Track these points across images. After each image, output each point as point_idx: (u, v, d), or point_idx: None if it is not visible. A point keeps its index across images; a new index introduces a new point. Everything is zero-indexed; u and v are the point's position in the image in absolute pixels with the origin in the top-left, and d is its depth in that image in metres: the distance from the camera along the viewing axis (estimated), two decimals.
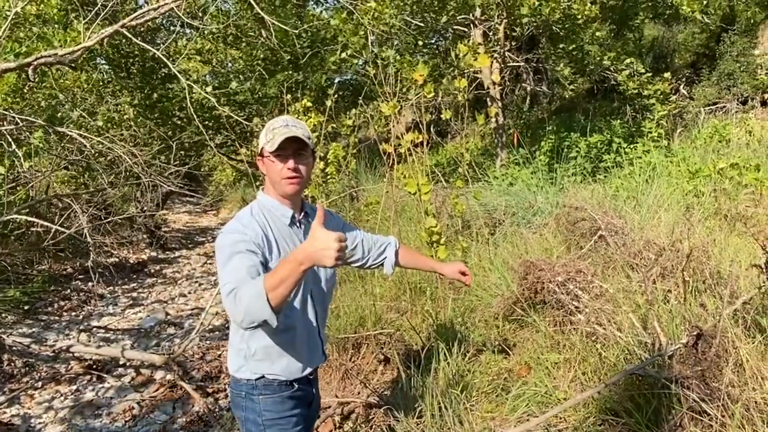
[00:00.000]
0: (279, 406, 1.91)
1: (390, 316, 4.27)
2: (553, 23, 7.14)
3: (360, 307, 4.24)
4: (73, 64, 5.76)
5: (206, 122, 9.72)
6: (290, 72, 11.14)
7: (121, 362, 4.74)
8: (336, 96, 6.26)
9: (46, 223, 5.89)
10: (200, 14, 8.74)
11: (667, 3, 8.60)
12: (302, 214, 1.95)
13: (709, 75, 10.96)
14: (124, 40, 8.56)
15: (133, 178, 7.59)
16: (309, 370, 1.97)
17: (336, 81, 12.59)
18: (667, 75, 7.70)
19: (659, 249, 3.54)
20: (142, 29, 8.48)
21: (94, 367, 4.71)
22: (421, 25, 7.78)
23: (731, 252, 3.70)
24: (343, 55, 8.32)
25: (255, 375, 1.89)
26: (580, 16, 6.79)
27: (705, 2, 8.27)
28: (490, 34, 8.01)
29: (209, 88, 6.53)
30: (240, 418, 1.98)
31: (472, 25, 8.05)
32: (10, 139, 5.53)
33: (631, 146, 6.93)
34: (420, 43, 8.83)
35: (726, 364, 2.41)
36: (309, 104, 6.10)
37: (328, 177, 6.36)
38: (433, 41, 10.23)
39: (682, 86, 11.17)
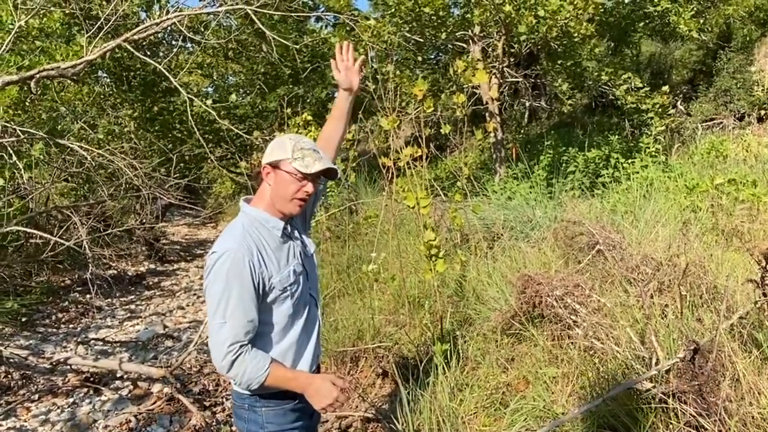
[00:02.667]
0: (281, 418, 1.91)
1: (388, 329, 4.27)
2: (551, 40, 7.22)
3: (358, 321, 4.25)
4: (75, 77, 5.81)
5: (206, 135, 9.77)
6: (290, 86, 11.22)
7: (118, 375, 4.72)
8: None
9: (45, 235, 5.90)
10: (202, 29, 8.83)
11: (664, 21, 8.70)
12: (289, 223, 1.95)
13: (706, 91, 11.05)
14: (125, 54, 8.63)
15: (132, 190, 7.61)
16: None
17: (336, 95, 12.67)
18: (665, 89, 7.77)
19: (657, 264, 3.56)
20: (143, 43, 8.56)
21: (92, 379, 4.69)
22: (421, 40, 7.86)
23: (728, 267, 3.71)
24: None
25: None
26: (576, 34, 6.87)
27: (702, 20, 8.37)
28: (489, 50, 8.10)
29: (209, 101, 6.58)
30: (242, 430, 1.97)
31: (471, 42, 8.13)
32: (11, 151, 5.56)
33: (629, 161, 6.97)
34: (419, 58, 8.91)
35: (723, 378, 2.42)
36: (309, 118, 6.15)
37: (328, 190, 6.38)
38: (432, 56, 10.34)
39: (679, 102, 11.26)
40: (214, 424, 3.90)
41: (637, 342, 2.90)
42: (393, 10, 7.22)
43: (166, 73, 5.59)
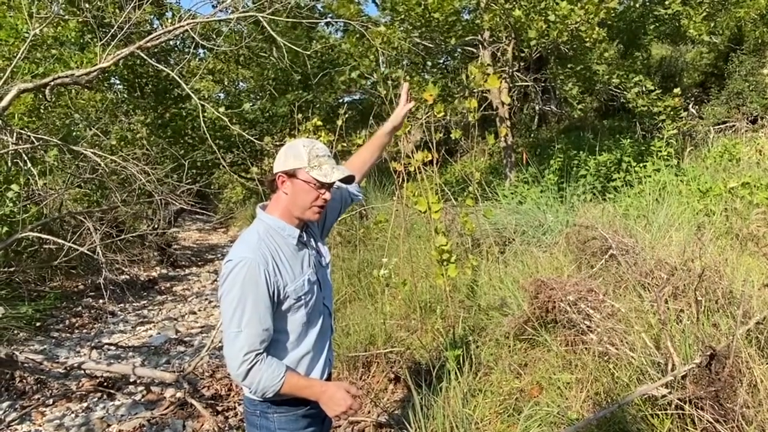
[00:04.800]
0: (293, 424, 1.92)
1: (400, 334, 4.26)
2: (561, 44, 7.20)
3: (370, 326, 4.24)
4: (88, 84, 5.88)
5: (218, 141, 9.83)
6: (300, 92, 11.28)
7: (131, 379, 4.75)
8: (346, 115, 6.32)
9: (58, 241, 5.96)
10: (213, 36, 8.90)
11: (675, 24, 8.64)
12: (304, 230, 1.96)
13: (718, 94, 10.98)
14: (138, 61, 8.72)
15: (145, 196, 7.68)
16: None
17: (345, 101, 12.72)
18: (677, 91, 7.71)
19: (671, 268, 3.53)
20: (155, 50, 8.64)
21: (105, 384, 4.72)
22: (431, 45, 7.87)
23: (743, 272, 3.68)
24: (353, 75, 8.42)
25: None
26: (588, 39, 6.84)
27: (712, 24, 8.30)
28: (499, 54, 8.09)
29: (222, 109, 6.63)
30: None
31: (480, 46, 8.13)
32: (26, 158, 5.64)
33: (641, 165, 6.92)
34: (429, 63, 8.92)
35: (740, 384, 2.39)
36: (319, 123, 6.17)
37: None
38: (441, 61, 10.34)
39: (690, 105, 11.18)
40: (226, 429, 3.91)
41: (653, 347, 2.87)
42: (403, 16, 7.25)
43: (179, 80, 5.64)
